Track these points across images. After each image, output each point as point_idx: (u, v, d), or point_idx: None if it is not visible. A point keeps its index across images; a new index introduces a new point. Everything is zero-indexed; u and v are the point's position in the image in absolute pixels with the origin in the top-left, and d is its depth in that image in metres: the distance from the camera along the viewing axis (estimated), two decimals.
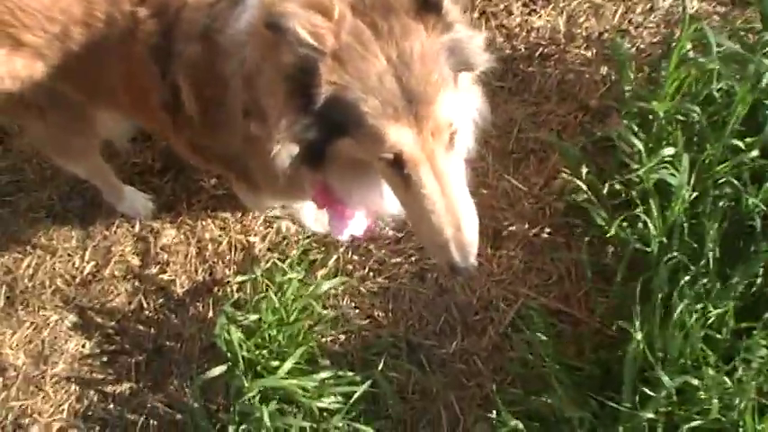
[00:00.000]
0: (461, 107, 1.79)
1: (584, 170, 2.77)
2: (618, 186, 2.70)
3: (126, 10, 2.05)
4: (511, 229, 2.89)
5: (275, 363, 2.61)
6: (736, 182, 2.57)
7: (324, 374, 2.64)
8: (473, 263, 1.77)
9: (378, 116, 1.62)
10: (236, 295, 2.86)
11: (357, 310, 2.86)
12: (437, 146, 1.68)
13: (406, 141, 1.65)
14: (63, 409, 2.84)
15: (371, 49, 1.62)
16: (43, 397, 2.87)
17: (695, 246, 2.49)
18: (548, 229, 2.90)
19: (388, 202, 1.99)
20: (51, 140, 2.61)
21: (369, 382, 2.63)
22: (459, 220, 1.73)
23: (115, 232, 3.06)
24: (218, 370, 2.62)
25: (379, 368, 2.66)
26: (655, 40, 3.18)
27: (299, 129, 1.68)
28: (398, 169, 1.71)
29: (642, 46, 3.17)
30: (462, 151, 1.94)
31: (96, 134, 2.63)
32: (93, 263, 3.03)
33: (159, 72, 2.09)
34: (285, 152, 1.76)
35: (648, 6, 3.24)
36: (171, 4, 2.02)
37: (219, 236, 3.00)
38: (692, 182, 2.56)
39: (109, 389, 2.86)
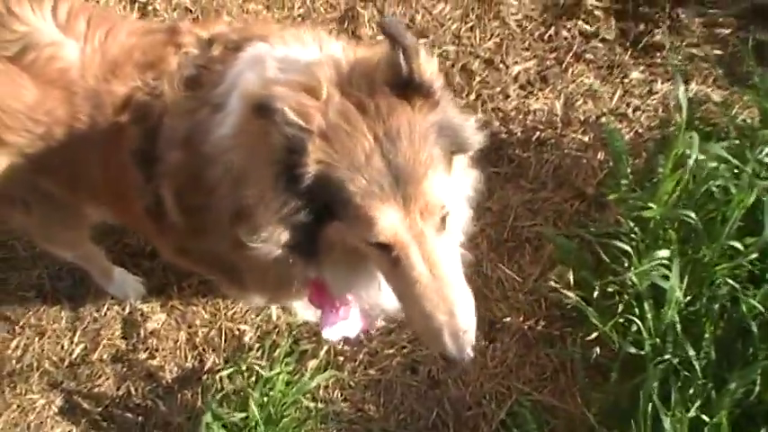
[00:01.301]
0: (455, 190, 1.75)
1: (578, 269, 2.72)
2: (610, 289, 2.66)
3: (108, 114, 2.03)
4: (505, 320, 2.85)
5: None
6: (733, 283, 2.52)
7: None
8: (469, 354, 1.69)
9: (364, 196, 1.59)
10: (225, 387, 2.81)
11: (347, 404, 2.81)
12: (427, 228, 1.63)
13: (392, 222, 1.60)
14: None
15: (359, 127, 1.59)
16: None
17: (690, 348, 2.44)
18: (542, 322, 2.85)
19: (385, 297, 1.92)
20: (39, 233, 2.59)
21: None
22: (452, 305, 1.66)
23: (105, 315, 3.02)
24: None
25: None
26: (653, 123, 3.15)
27: (287, 211, 1.64)
28: (387, 252, 1.65)
29: (640, 130, 3.14)
30: (458, 236, 1.88)
31: (87, 225, 2.61)
32: (81, 345, 2.98)
33: (142, 178, 2.06)
34: (274, 239, 1.71)
35: (647, 90, 3.21)
36: (152, 110, 1.99)
37: (210, 322, 2.95)
38: (686, 282, 2.52)
39: None
